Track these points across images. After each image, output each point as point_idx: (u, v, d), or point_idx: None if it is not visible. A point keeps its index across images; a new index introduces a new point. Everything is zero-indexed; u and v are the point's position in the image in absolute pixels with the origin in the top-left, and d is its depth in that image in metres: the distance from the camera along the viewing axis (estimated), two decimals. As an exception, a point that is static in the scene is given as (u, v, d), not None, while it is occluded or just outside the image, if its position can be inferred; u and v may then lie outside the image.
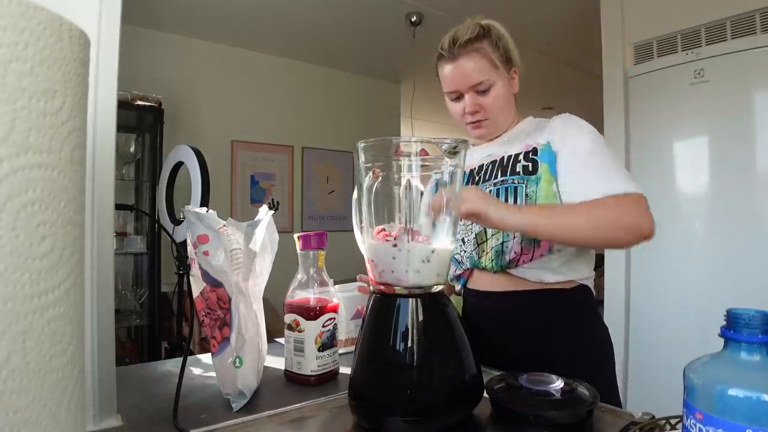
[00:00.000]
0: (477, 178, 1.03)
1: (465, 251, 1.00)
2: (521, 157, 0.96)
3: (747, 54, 1.90)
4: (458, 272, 1.03)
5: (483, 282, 0.99)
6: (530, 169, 0.94)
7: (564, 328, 0.93)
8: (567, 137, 0.93)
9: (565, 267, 0.93)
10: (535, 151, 0.95)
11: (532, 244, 0.91)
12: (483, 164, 1.03)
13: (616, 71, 2.32)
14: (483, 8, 0.86)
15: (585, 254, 0.97)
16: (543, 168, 0.93)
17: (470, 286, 1.02)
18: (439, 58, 1.00)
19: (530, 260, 0.92)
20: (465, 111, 0.99)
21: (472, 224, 0.99)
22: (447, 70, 0.98)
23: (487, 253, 0.96)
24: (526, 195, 0.92)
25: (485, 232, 0.96)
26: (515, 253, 0.92)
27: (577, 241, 0.86)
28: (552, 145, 0.94)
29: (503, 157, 0.99)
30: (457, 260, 1.02)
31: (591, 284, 0.97)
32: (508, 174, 0.96)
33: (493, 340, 0.94)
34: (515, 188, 0.94)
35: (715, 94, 1.97)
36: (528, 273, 0.93)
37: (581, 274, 0.95)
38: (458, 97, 1.00)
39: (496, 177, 0.98)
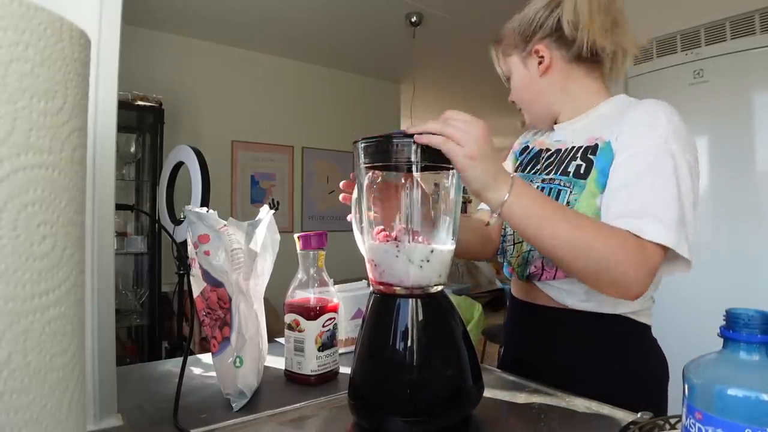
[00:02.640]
0: (538, 166, 0.90)
1: (507, 244, 0.92)
2: (579, 152, 0.81)
3: (746, 54, 1.90)
4: (501, 261, 0.96)
5: (519, 289, 0.92)
6: (582, 171, 0.79)
7: (601, 356, 0.81)
8: (631, 137, 0.74)
9: (595, 295, 0.78)
10: (595, 148, 0.79)
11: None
12: (551, 149, 0.90)
13: (616, 71, 2.32)
14: (483, 9, 0.85)
15: None
16: (593, 174, 0.77)
17: (513, 291, 0.95)
18: None
19: (553, 278, 0.81)
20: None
21: None
22: None
23: (517, 257, 0.87)
24: (568, 203, 0.78)
25: None
26: (535, 267, 0.83)
27: (549, 255, 0.70)
28: (613, 144, 0.76)
29: (567, 148, 0.85)
30: (504, 249, 0.94)
31: (637, 316, 0.81)
32: (559, 172, 0.82)
33: (526, 352, 0.89)
34: (558, 191, 0.80)
35: (715, 94, 1.97)
36: (553, 291, 0.83)
37: (622, 307, 0.80)
38: None
39: (548, 173, 0.85)
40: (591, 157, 0.79)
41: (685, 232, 0.69)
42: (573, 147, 0.84)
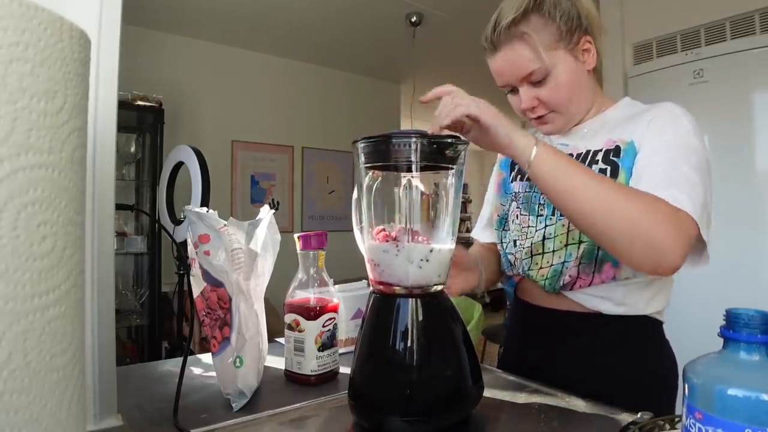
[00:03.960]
0: None
1: (516, 255, 0.89)
2: (600, 156, 0.80)
3: (746, 54, 1.90)
4: (509, 273, 0.94)
5: (534, 294, 0.89)
6: (608, 174, 0.77)
7: (617, 357, 0.81)
8: (654, 134, 0.75)
9: (629, 298, 0.79)
10: (617, 150, 0.78)
11: (592, 268, 0.78)
12: None
13: (616, 71, 2.32)
14: (483, 9, 0.84)
15: (655, 288, 0.81)
16: (621, 176, 0.76)
17: (520, 296, 0.93)
18: (484, 48, 0.83)
19: (588, 285, 0.80)
20: (522, 107, 0.83)
21: (528, 228, 0.86)
22: (491, 63, 0.82)
23: (541, 269, 0.84)
24: None
25: (542, 244, 0.83)
26: (570, 276, 0.80)
27: (582, 223, 0.67)
28: (636, 144, 0.76)
29: (581, 152, 0.83)
30: (510, 261, 0.92)
31: (659, 315, 0.84)
32: None
33: (537, 357, 0.87)
34: None
35: (715, 94, 1.98)
36: (585, 299, 0.81)
37: (650, 308, 0.81)
38: (513, 89, 0.83)
39: None
40: (615, 159, 0.78)
41: (706, 217, 0.69)
42: (589, 151, 0.82)
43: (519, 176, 0.94)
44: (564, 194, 0.66)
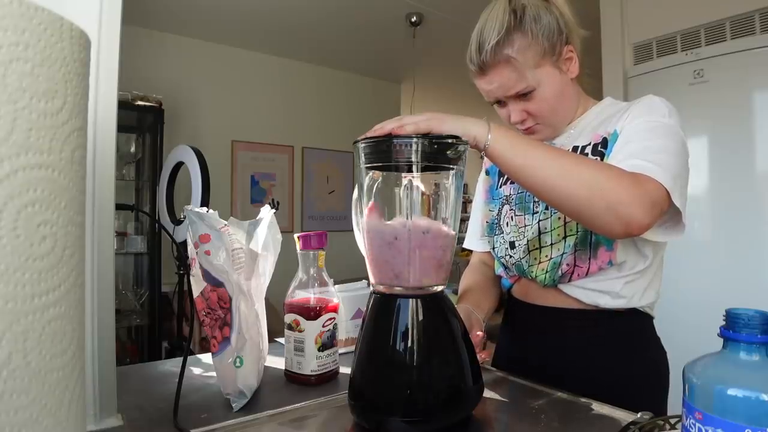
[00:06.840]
0: None
1: (512, 257, 0.90)
2: (588, 149, 0.83)
3: (746, 54, 1.90)
4: (504, 277, 0.96)
5: (532, 293, 0.90)
6: None
7: (614, 353, 0.83)
8: (632, 119, 0.78)
9: (627, 290, 0.81)
10: (604, 142, 0.81)
11: (588, 254, 0.81)
12: None
13: (616, 71, 2.32)
14: (483, 9, 0.84)
15: (650, 276, 0.83)
16: None
17: (517, 295, 0.95)
18: (470, 70, 0.85)
19: (586, 275, 0.81)
20: (511, 120, 0.86)
21: (525, 227, 0.88)
22: (478, 83, 0.85)
23: (541, 263, 0.85)
24: None
25: (539, 239, 0.85)
26: (567, 265, 0.82)
27: (543, 193, 0.68)
28: (618, 132, 0.79)
29: (569, 149, 0.86)
30: (503, 264, 0.95)
31: (651, 309, 0.86)
32: None
33: (535, 355, 0.88)
34: None
35: (715, 94, 1.98)
36: (584, 294, 0.83)
37: (644, 300, 0.83)
38: (500, 101, 0.86)
39: None
40: (603, 150, 0.81)
41: (679, 186, 0.70)
42: (576, 147, 0.85)
43: (509, 180, 0.95)
44: (523, 168, 0.68)
